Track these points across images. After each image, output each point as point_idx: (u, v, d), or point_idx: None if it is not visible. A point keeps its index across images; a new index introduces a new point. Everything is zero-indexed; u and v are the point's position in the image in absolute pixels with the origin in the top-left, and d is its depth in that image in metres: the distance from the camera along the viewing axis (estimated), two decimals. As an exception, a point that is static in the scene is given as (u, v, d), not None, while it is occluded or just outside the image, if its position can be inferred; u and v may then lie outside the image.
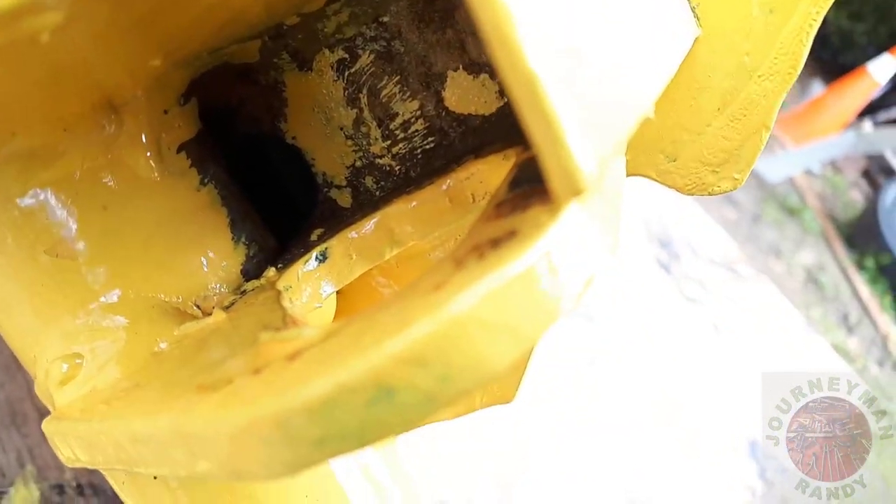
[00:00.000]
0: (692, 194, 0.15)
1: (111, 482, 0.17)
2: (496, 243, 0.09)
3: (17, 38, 0.09)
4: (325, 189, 0.18)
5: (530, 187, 0.11)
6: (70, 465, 0.14)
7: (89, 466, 0.13)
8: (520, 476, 0.49)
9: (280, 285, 0.14)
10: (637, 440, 0.58)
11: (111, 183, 0.14)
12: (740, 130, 0.14)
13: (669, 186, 0.15)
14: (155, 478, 0.15)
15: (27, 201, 0.14)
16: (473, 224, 0.11)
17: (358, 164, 0.18)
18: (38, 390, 0.15)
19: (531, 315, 0.08)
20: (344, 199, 0.18)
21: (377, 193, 0.18)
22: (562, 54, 0.08)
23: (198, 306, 0.15)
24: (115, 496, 0.35)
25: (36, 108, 0.12)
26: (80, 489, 0.33)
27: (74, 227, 0.14)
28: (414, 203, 0.15)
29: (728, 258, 0.97)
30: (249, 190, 0.17)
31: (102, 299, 0.14)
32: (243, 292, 0.15)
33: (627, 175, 0.15)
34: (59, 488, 0.33)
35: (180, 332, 0.14)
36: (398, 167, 0.17)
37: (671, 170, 0.15)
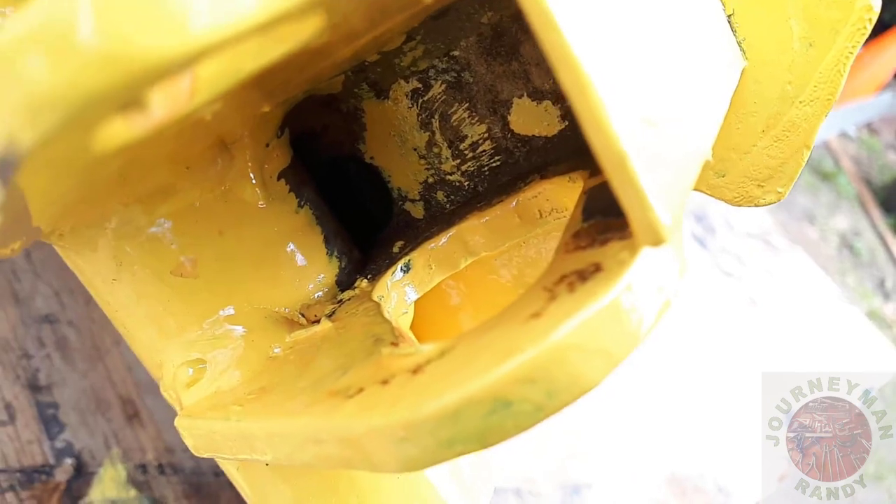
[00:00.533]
0: (740, 206, 0.17)
1: (223, 465, 0.19)
2: (583, 276, 0.11)
3: (193, 117, 0.11)
4: (401, 202, 0.20)
5: (604, 219, 0.12)
6: (198, 455, 0.16)
7: (215, 456, 0.15)
8: (571, 457, 0.51)
9: (375, 296, 0.16)
10: (677, 414, 0.60)
11: (224, 211, 0.17)
12: (783, 150, 0.16)
13: (719, 198, 0.17)
14: (267, 464, 0.18)
15: (154, 230, 0.16)
16: (556, 254, 0.13)
17: (430, 180, 0.19)
18: (164, 391, 0.17)
19: (619, 339, 0.10)
20: (417, 211, 0.20)
21: (447, 206, 0.20)
22: (641, 127, 0.10)
23: (303, 315, 0.17)
24: (192, 474, 0.38)
25: (169, 156, 0.14)
26: (160, 468, 0.36)
27: (195, 250, 0.16)
28: (486, 218, 0.17)
29: (763, 229, 0.97)
30: (332, 206, 0.19)
31: (221, 312, 0.17)
32: (340, 301, 0.17)
33: None
34: (143, 468, 0.36)
35: (291, 338, 0.16)
36: (467, 183, 0.19)
37: (720, 185, 0.17)
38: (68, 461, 0.34)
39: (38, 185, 0.09)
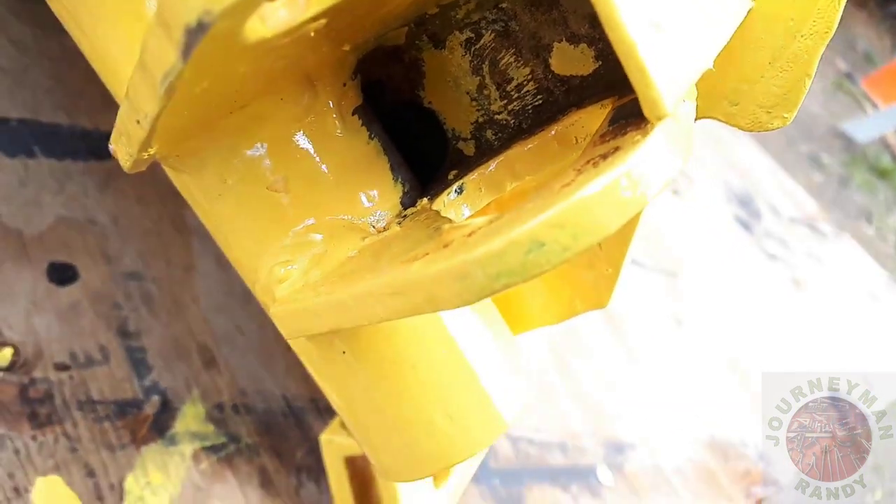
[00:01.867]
0: (752, 130, 0.19)
1: (303, 359, 0.23)
2: (605, 157, 0.14)
3: (297, 37, 0.14)
4: (454, 142, 0.23)
5: (626, 121, 0.15)
6: (290, 339, 0.19)
7: (307, 334, 0.19)
8: (616, 418, 0.53)
9: (434, 208, 0.19)
10: (720, 382, 0.62)
11: (310, 138, 0.20)
12: (787, 79, 0.18)
13: (733, 125, 0.20)
14: (344, 352, 0.21)
15: (251, 152, 0.20)
16: (584, 149, 0.15)
17: (480, 120, 0.22)
18: (258, 292, 0.21)
19: (632, 198, 0.13)
20: (469, 149, 0.23)
21: (495, 143, 0.23)
22: (649, 27, 0.12)
23: (373, 227, 0.20)
24: (263, 414, 0.41)
25: (265, 88, 0.17)
26: (235, 408, 0.40)
27: (286, 170, 0.20)
28: (529, 146, 0.20)
29: (809, 216, 0.97)
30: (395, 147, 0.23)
31: (306, 221, 0.20)
32: (404, 216, 0.20)
33: (701, 117, 0.20)
34: (219, 407, 0.40)
35: (365, 243, 0.19)
36: (513, 121, 0.22)
37: (734, 112, 0.19)
38: (155, 398, 0.38)
39: (189, 79, 0.13)
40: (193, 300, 0.43)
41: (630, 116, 0.15)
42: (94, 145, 0.44)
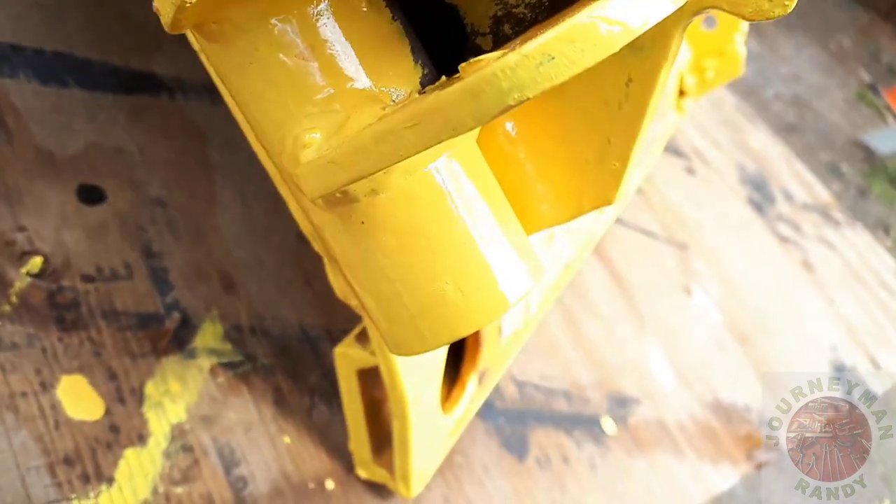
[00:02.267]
0: (755, 20, 0.20)
1: (325, 234, 0.24)
2: None
3: None
4: (473, 37, 0.24)
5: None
6: (312, 198, 0.21)
7: (331, 189, 0.20)
8: (620, 372, 0.54)
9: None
10: (728, 350, 0.62)
11: (337, 11, 0.21)
12: None
13: (737, 14, 0.21)
14: (363, 222, 0.22)
15: (282, 22, 0.21)
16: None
17: (499, 13, 0.24)
18: (285, 160, 0.22)
19: (633, 21, 0.14)
20: (487, 43, 0.24)
21: (513, 37, 0.24)
22: None
23: (393, 101, 0.22)
24: (279, 338, 0.42)
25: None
26: (252, 331, 0.42)
27: (312, 40, 0.21)
28: (543, 30, 0.21)
29: (823, 204, 0.97)
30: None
31: (329, 90, 0.21)
32: (423, 92, 0.22)
33: (705, 6, 0.21)
34: (237, 328, 0.41)
35: (385, 111, 0.21)
36: (529, 14, 0.23)
37: (738, 1, 0.20)
38: (176, 314, 0.39)
39: None
40: (214, 230, 0.44)
41: None
42: (123, 81, 0.46)
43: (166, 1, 0.18)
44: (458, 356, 0.42)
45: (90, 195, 0.41)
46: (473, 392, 0.42)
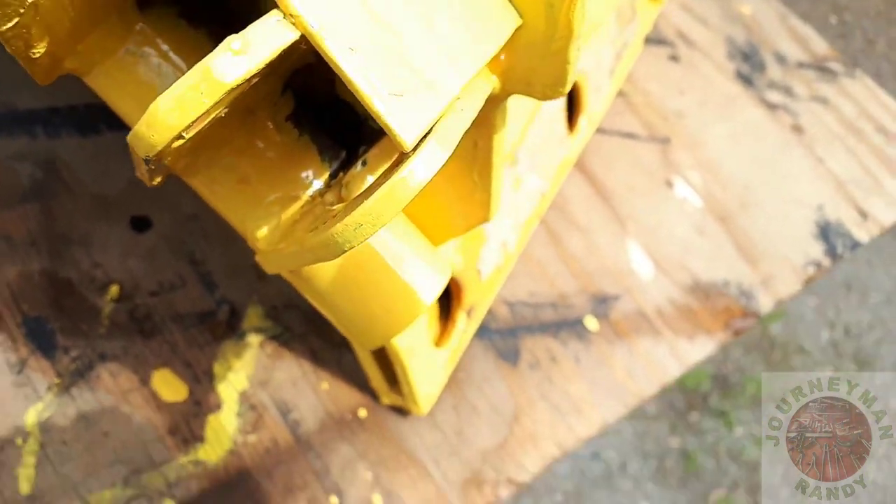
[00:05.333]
0: (543, 100, 0.28)
1: (288, 278, 0.35)
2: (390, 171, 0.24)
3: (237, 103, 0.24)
4: (365, 121, 0.33)
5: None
6: (269, 272, 0.31)
7: (277, 272, 0.30)
8: (600, 275, 0.63)
9: (343, 182, 0.30)
10: (705, 243, 0.70)
11: (260, 146, 0.31)
12: (556, 68, 0.27)
13: (532, 96, 0.29)
14: (307, 275, 0.33)
15: (227, 166, 0.31)
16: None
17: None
18: (249, 243, 0.32)
19: (405, 195, 0.24)
20: (375, 124, 0.33)
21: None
22: (390, 97, 0.22)
23: (312, 194, 0.31)
24: (307, 311, 0.54)
25: (222, 132, 0.28)
26: (286, 307, 0.53)
27: (247, 169, 0.31)
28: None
29: (820, 57, 0.99)
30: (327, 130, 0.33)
31: (268, 198, 0.31)
32: (331, 185, 0.31)
33: (509, 94, 0.29)
34: (274, 308, 0.53)
35: (304, 209, 0.31)
36: None
37: (529, 90, 0.28)
38: (225, 307, 0.51)
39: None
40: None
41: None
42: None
43: (142, 170, 0.28)
44: (448, 298, 0.53)
45: (140, 224, 0.53)
46: (464, 326, 0.53)
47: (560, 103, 0.64)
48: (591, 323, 0.60)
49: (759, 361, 1.89)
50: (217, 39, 0.28)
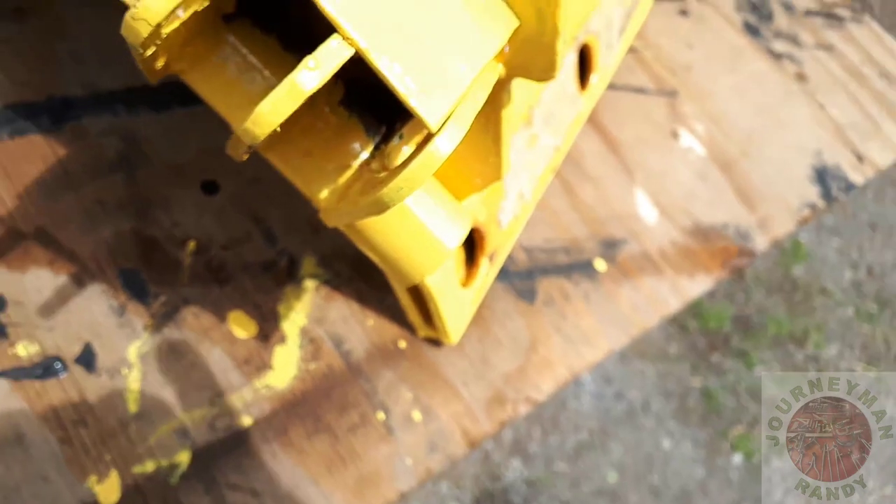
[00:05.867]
0: (542, 80, 0.36)
1: (344, 230, 0.43)
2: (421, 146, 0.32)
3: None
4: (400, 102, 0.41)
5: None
6: (329, 226, 0.40)
7: (337, 224, 0.39)
8: (608, 221, 0.71)
9: (385, 152, 0.38)
10: (708, 189, 0.76)
11: (320, 125, 0.39)
12: (545, 60, 0.35)
13: (532, 78, 0.36)
14: (362, 225, 0.41)
15: (297, 139, 0.39)
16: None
17: None
18: (314, 203, 0.41)
19: (434, 160, 0.32)
20: None
21: None
22: (419, 92, 0.30)
23: (361, 163, 0.39)
24: (354, 259, 0.63)
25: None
26: (335, 256, 0.62)
27: (309, 144, 0.39)
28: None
29: (828, 3, 1.02)
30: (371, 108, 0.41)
31: (326, 167, 0.40)
32: (375, 156, 0.39)
33: (513, 77, 0.37)
34: (325, 257, 0.62)
35: (355, 176, 0.39)
36: None
37: (531, 71, 0.36)
38: (285, 257, 0.60)
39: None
40: (295, 190, 0.64)
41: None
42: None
43: (247, 138, 0.37)
44: (472, 245, 0.61)
45: (210, 188, 0.62)
46: (487, 269, 0.61)
47: (572, 64, 0.71)
48: (599, 265, 0.68)
49: (781, 303, 1.96)
50: (284, 43, 0.36)
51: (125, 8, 0.29)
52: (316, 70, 0.28)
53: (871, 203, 2.14)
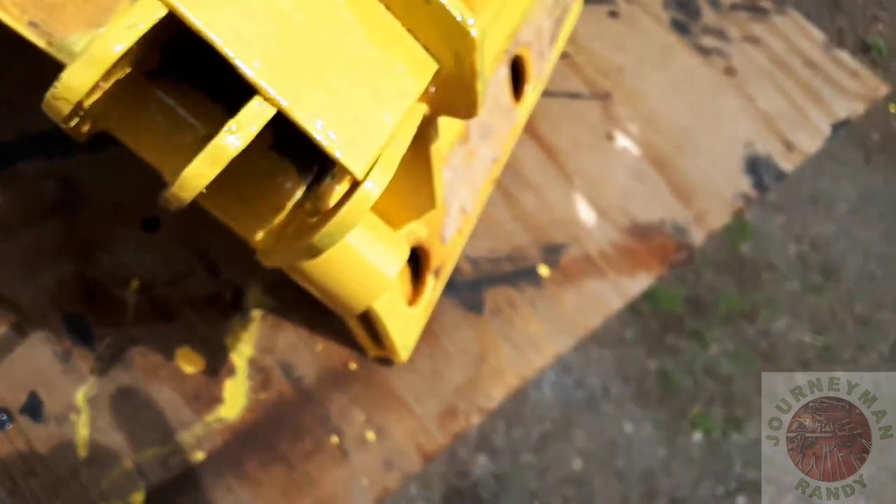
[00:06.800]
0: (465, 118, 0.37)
1: (284, 269, 0.44)
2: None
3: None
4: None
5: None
6: (267, 266, 0.40)
7: (274, 266, 0.40)
8: (550, 226, 0.72)
9: (319, 193, 0.39)
10: (644, 189, 0.78)
11: (254, 169, 0.39)
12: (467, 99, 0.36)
13: (455, 116, 0.37)
14: (298, 265, 0.42)
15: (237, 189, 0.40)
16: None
17: None
18: (251, 244, 0.41)
19: (359, 208, 0.32)
20: None
21: None
22: (334, 133, 0.31)
23: (294, 204, 0.40)
24: (299, 286, 0.62)
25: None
26: (280, 284, 0.62)
27: (244, 188, 0.40)
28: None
29: None
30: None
31: (262, 210, 0.40)
32: (307, 196, 0.40)
33: (437, 116, 0.38)
34: (270, 284, 0.62)
35: (288, 218, 0.39)
36: None
37: (456, 110, 0.37)
38: (229, 289, 0.60)
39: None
40: (236, 219, 0.64)
41: None
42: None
43: (176, 200, 0.37)
44: (417, 264, 0.62)
45: (150, 224, 0.62)
46: (433, 285, 0.62)
47: (503, 77, 0.72)
48: (543, 270, 0.70)
49: (731, 281, 2.01)
50: (211, 95, 0.36)
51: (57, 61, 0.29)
52: (238, 133, 0.29)
53: (810, 178, 2.21)
